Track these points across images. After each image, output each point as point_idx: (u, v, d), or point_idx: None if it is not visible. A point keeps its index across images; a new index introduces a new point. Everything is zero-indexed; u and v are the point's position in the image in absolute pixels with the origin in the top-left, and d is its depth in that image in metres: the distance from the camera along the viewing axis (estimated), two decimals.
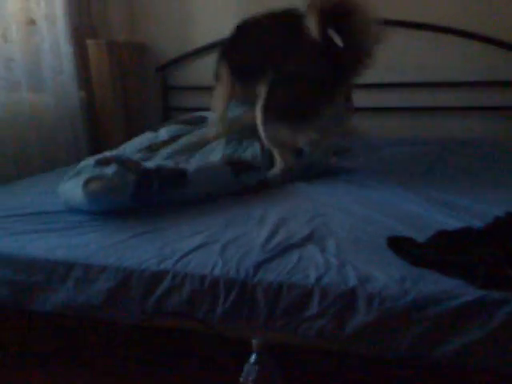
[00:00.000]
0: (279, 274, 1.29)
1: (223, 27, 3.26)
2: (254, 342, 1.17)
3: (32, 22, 2.76)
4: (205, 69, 3.38)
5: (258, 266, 1.32)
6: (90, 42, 3.12)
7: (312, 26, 1.88)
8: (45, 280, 1.43)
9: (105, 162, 2.00)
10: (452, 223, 1.51)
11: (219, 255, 1.38)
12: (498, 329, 1.15)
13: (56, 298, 1.43)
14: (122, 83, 3.25)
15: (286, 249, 1.40)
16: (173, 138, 2.44)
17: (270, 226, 1.57)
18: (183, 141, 2.41)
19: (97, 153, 2.54)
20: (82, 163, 2.02)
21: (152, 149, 2.38)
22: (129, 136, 3.00)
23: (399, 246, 1.37)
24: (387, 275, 1.26)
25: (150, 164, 1.92)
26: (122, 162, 2.01)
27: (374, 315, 1.21)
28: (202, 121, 2.60)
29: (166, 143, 2.41)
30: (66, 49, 2.90)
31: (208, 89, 3.30)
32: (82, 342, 1.50)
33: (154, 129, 2.70)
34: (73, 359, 1.50)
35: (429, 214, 1.63)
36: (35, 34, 2.76)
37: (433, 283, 1.22)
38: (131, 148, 2.43)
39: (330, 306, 1.23)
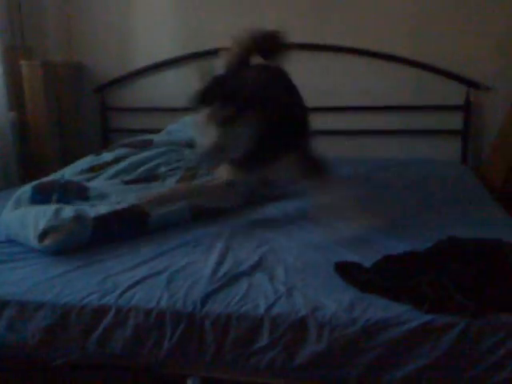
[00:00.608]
0: (228, 305, 1.26)
1: (163, 47, 3.26)
2: (189, 382, 1.14)
3: None
4: (145, 89, 3.34)
5: (206, 298, 1.28)
6: (23, 63, 2.99)
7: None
8: None
9: (43, 188, 1.92)
10: (398, 247, 1.53)
11: (165, 287, 1.33)
12: (446, 353, 1.17)
13: None
14: (58, 104, 3.13)
15: (234, 278, 1.37)
16: (117, 159, 2.35)
17: (217, 254, 1.53)
18: (129, 160, 2.32)
19: (30, 178, 2.43)
20: (19, 191, 1.91)
21: (94, 170, 2.29)
22: (65, 159, 2.90)
23: (347, 271, 1.37)
24: (337, 302, 1.25)
25: (103, 206, 1.80)
26: (63, 185, 1.94)
27: (324, 344, 1.19)
28: (146, 144, 2.52)
29: (109, 164, 2.31)
30: None
31: (149, 110, 3.28)
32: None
33: (96, 152, 2.60)
34: None
35: (375, 238, 1.64)
36: None
37: (381, 309, 1.23)
38: (72, 170, 2.32)
39: (281, 337, 1.21)
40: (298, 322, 1.21)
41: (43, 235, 1.57)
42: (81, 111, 3.33)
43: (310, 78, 2.87)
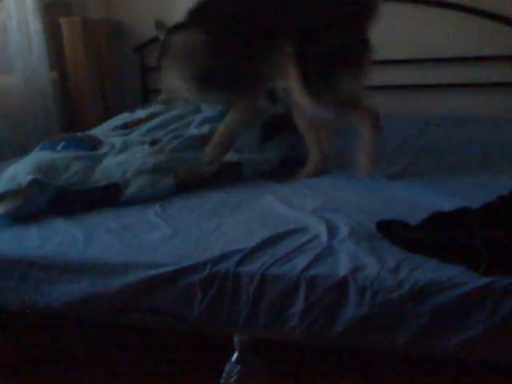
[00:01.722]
0: (262, 264, 1.16)
1: None
2: (236, 339, 1.04)
3: None
4: None
5: (241, 257, 1.19)
6: (63, 20, 2.93)
7: None
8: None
9: (55, 140, 1.93)
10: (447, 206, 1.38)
11: (195, 246, 1.25)
12: (506, 320, 1.04)
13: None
14: (98, 63, 3.07)
15: (270, 238, 1.26)
16: (150, 116, 2.27)
17: (250, 214, 1.43)
18: (162, 117, 2.24)
19: None
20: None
21: (128, 126, 2.23)
22: (105, 119, 2.85)
23: (391, 230, 1.25)
24: (380, 263, 1.13)
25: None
26: (77, 137, 1.93)
27: (366, 309, 1.09)
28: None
29: (142, 121, 2.24)
30: (35, 26, 2.72)
31: None
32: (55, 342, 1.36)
33: (131, 110, 2.55)
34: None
35: (423, 198, 1.49)
36: (1, 10, 2.57)
37: (431, 271, 1.10)
38: (106, 127, 2.27)
39: (318, 300, 1.11)
40: (336, 284, 1.10)
41: None
42: (121, 70, 3.27)
43: None
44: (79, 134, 2.07)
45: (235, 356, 1.03)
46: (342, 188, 1.64)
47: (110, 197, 1.55)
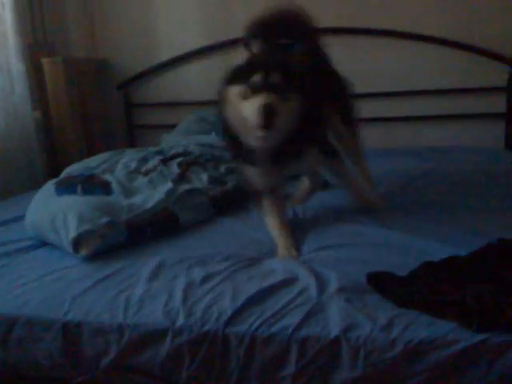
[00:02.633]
0: (251, 324, 1.13)
1: (186, 40, 3.15)
2: None
3: None
4: (170, 84, 3.24)
5: (230, 316, 1.15)
6: (44, 60, 2.93)
7: None
8: None
9: (66, 183, 1.89)
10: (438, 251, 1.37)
11: (181, 303, 1.21)
12: (500, 377, 1.01)
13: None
14: (81, 101, 3.06)
15: (258, 293, 1.23)
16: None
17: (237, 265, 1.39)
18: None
19: (55, 178, 2.36)
20: (42, 189, 1.90)
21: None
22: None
23: (382, 283, 1.23)
24: (372, 321, 1.10)
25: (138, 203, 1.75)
26: (86, 178, 1.89)
27: (359, 370, 1.06)
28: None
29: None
30: (17, 67, 2.70)
31: (175, 104, 3.18)
32: None
33: (119, 150, 2.53)
34: None
35: (410, 240, 1.49)
36: None
37: (424, 328, 1.07)
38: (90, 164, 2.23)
39: (311, 362, 1.08)
40: (328, 345, 1.07)
41: (77, 243, 1.50)
42: (105, 108, 3.26)
43: (344, 63, 2.75)
44: (85, 174, 2.02)
45: None
46: (329, 235, 1.63)
47: (171, 224, 1.70)
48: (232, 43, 2.98)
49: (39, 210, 1.71)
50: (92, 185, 1.85)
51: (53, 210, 1.63)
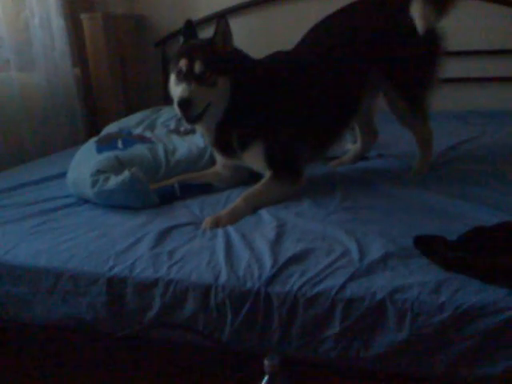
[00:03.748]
0: (294, 283, 1.12)
1: None
2: (267, 362, 1.00)
3: None
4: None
5: (272, 275, 1.14)
6: (84, 16, 2.90)
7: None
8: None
9: (107, 139, 1.90)
10: (489, 219, 1.32)
11: (224, 262, 1.21)
12: None
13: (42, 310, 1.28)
14: (120, 59, 3.04)
15: (301, 254, 1.22)
16: None
17: (274, 228, 1.36)
18: None
19: (95, 134, 2.37)
20: (82, 148, 1.90)
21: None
22: (129, 114, 2.81)
23: (430, 247, 1.19)
24: (420, 284, 1.08)
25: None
26: (126, 134, 1.89)
27: (405, 333, 1.04)
28: None
29: None
30: (57, 23, 2.69)
31: None
32: (78, 355, 1.34)
33: (156, 109, 2.52)
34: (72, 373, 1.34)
35: (460, 209, 1.43)
36: (23, 8, 2.55)
37: (473, 294, 1.04)
38: (130, 122, 2.23)
39: (355, 323, 1.06)
40: (374, 307, 1.05)
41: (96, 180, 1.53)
42: (143, 65, 3.24)
43: None
44: (125, 131, 2.04)
45: (265, 380, 0.99)
46: (371, 195, 1.59)
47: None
48: (267, 0, 2.90)
49: (80, 167, 1.72)
50: (132, 139, 1.85)
51: (92, 167, 1.64)
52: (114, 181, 1.54)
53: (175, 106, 1.50)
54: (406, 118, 1.78)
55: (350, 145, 2.02)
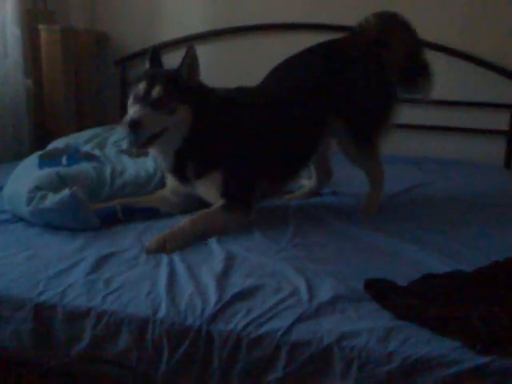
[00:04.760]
0: (239, 322, 1.05)
1: (191, 23, 3.04)
2: None
3: None
4: (169, 66, 3.14)
5: (215, 312, 1.07)
6: (42, 27, 2.80)
7: None
8: None
9: (51, 154, 1.83)
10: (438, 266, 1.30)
11: (165, 294, 1.13)
12: None
13: None
14: (77, 74, 2.94)
15: (248, 290, 1.15)
16: None
17: (222, 261, 1.30)
18: None
19: (41, 149, 2.25)
20: (24, 161, 1.80)
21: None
22: (79, 131, 2.71)
23: (381, 292, 1.15)
24: (369, 330, 1.03)
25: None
26: (72, 151, 1.80)
27: (351, 382, 0.98)
28: None
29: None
30: (13, 31, 2.57)
31: None
32: None
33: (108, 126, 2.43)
34: None
35: (412, 253, 1.42)
36: None
37: (423, 344, 1.01)
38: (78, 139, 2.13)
39: (299, 368, 1.00)
40: (320, 353, 1.00)
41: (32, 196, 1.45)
42: (100, 83, 3.15)
43: None
44: (72, 148, 1.94)
45: None
46: (323, 232, 1.56)
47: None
48: (234, 31, 2.92)
49: (17, 182, 1.61)
50: (78, 157, 1.76)
51: (30, 183, 1.54)
52: (51, 199, 1.44)
53: (124, 126, 1.43)
54: (356, 159, 1.81)
55: (305, 180, 2.00)
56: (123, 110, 3.12)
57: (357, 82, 1.71)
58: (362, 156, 1.78)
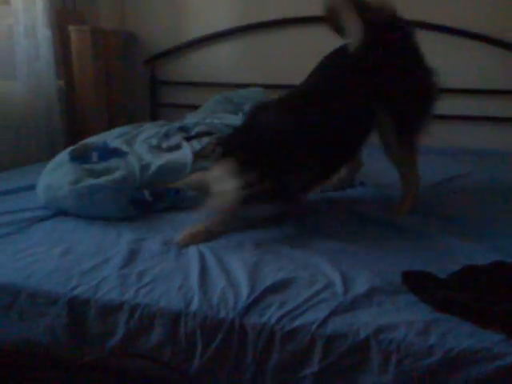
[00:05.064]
0: (272, 315, 1.03)
1: (218, 20, 3.04)
2: None
3: (5, 2, 2.47)
4: (198, 63, 3.15)
5: (248, 305, 1.05)
6: (72, 28, 2.84)
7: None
8: None
9: (81, 150, 1.83)
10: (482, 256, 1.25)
11: (198, 287, 1.11)
12: None
13: None
14: (107, 74, 2.96)
15: (281, 283, 1.13)
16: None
17: (254, 254, 1.28)
18: None
19: None
20: (56, 158, 1.81)
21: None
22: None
23: (419, 284, 1.11)
24: (408, 323, 1.00)
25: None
26: (101, 146, 1.85)
27: (390, 376, 0.95)
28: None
29: None
30: (43, 33, 2.60)
31: (201, 85, 3.09)
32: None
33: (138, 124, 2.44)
34: None
35: (452, 244, 1.37)
36: (8, 14, 2.47)
37: (465, 337, 0.96)
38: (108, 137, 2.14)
39: (336, 362, 0.97)
40: (357, 346, 0.97)
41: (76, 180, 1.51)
42: (130, 83, 3.17)
43: None
44: (101, 143, 1.95)
45: None
46: (357, 224, 1.52)
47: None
48: (261, 26, 2.89)
49: (53, 173, 1.64)
50: (108, 153, 1.77)
51: (69, 176, 1.56)
52: (102, 178, 1.51)
53: None
54: (394, 151, 1.72)
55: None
56: (153, 109, 3.18)
57: (401, 69, 1.64)
58: (403, 148, 1.69)
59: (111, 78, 3.00)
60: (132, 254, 1.26)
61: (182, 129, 2.15)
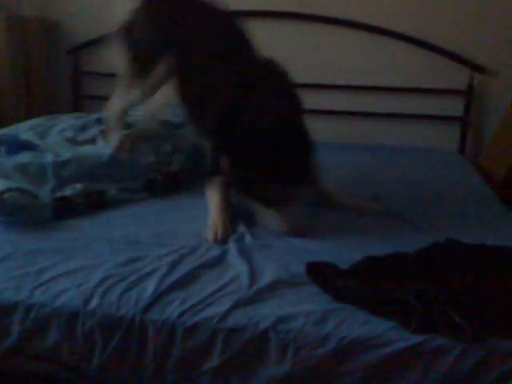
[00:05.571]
0: (174, 311, 1.02)
1: None
2: None
3: None
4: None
5: (150, 302, 1.04)
6: None
7: None
8: None
9: None
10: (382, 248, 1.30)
11: (97, 284, 1.09)
12: (436, 383, 0.95)
13: None
14: (25, 65, 2.84)
15: (186, 279, 1.13)
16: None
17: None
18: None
19: None
20: None
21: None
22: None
23: (320, 274, 1.14)
24: (306, 313, 1.02)
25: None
26: (11, 139, 1.74)
27: (287, 366, 0.97)
28: None
29: None
30: None
31: None
32: None
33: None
34: None
35: (354, 237, 1.41)
36: None
37: (359, 326, 1.00)
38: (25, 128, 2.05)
39: (235, 356, 0.98)
40: (256, 338, 0.98)
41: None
42: (52, 73, 3.05)
43: (301, 52, 2.68)
44: (11, 136, 1.85)
45: None
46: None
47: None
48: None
49: None
50: (18, 146, 1.69)
51: None
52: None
53: None
54: None
55: None
56: (75, 101, 3.08)
57: None
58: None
59: (31, 68, 2.88)
60: (32, 252, 1.22)
61: (100, 121, 2.09)
